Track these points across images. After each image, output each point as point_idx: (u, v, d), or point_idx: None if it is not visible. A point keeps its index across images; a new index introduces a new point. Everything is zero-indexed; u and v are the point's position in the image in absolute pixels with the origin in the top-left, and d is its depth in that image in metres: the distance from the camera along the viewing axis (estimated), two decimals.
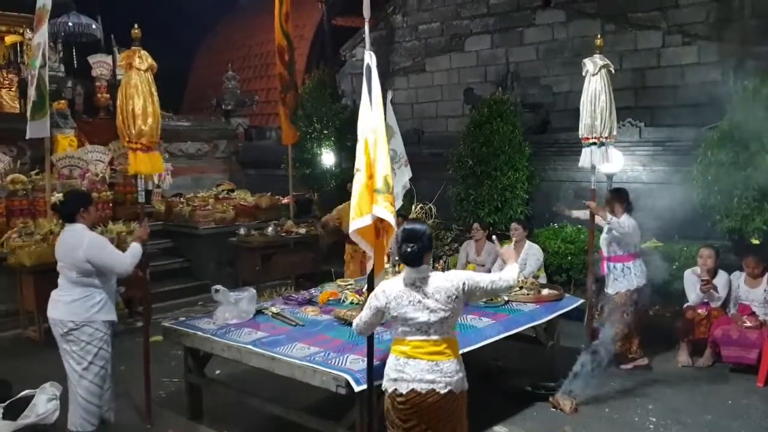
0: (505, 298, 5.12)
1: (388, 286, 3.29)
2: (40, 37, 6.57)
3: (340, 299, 5.16)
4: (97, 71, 11.80)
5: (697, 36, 8.77)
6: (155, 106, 4.61)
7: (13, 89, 11.50)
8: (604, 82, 5.15)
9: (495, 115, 8.12)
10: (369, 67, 3.51)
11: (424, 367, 3.17)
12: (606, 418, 4.71)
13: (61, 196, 4.41)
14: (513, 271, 3.43)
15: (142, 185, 4.96)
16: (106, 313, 4.25)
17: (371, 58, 3.52)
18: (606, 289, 5.67)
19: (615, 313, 5.49)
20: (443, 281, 3.23)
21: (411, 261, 3.22)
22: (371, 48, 3.58)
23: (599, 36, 5.54)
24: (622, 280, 5.61)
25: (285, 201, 9.87)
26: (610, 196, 5.63)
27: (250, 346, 4.20)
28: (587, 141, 5.24)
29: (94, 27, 12.53)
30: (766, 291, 5.61)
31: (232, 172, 12.68)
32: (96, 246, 4.19)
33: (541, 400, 4.91)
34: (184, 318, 5.15)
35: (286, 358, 3.97)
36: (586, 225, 6.19)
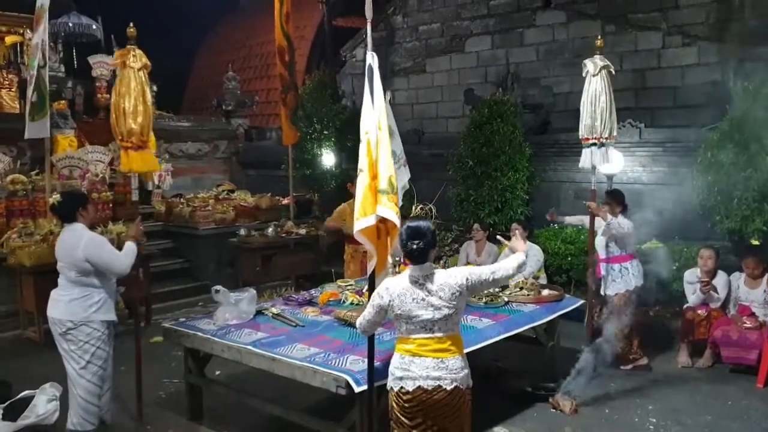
0: (505, 299, 5.13)
1: (391, 283, 3.29)
2: (39, 37, 6.56)
3: (340, 300, 5.16)
4: (97, 71, 11.78)
5: (698, 37, 8.78)
6: (147, 105, 4.60)
7: (13, 89, 11.48)
8: (604, 82, 5.16)
9: (495, 115, 8.12)
10: (371, 68, 3.51)
11: (430, 364, 3.17)
12: (606, 419, 4.71)
13: (59, 197, 4.41)
14: (513, 260, 3.43)
15: (135, 184, 5.00)
16: (104, 312, 4.25)
17: (373, 58, 3.52)
18: (605, 291, 5.67)
19: (615, 314, 5.48)
20: (447, 278, 3.24)
21: (416, 258, 3.23)
22: (372, 48, 3.58)
23: (599, 37, 5.56)
24: (620, 281, 5.62)
25: (285, 202, 9.87)
26: (606, 198, 5.64)
27: (250, 347, 4.20)
28: (587, 142, 5.25)
29: (94, 27, 12.56)
30: (765, 292, 5.62)
31: (232, 172, 12.67)
32: (95, 245, 4.21)
33: (541, 400, 4.91)
34: (184, 319, 5.14)
35: (287, 359, 3.96)
36: (585, 225, 6.20)
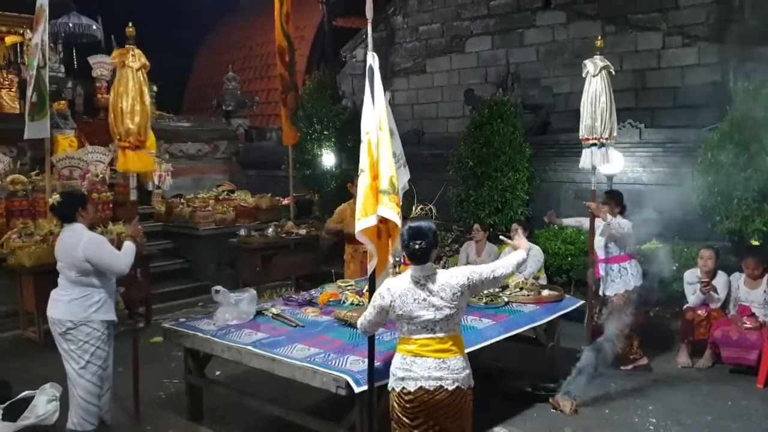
0: (506, 299, 5.13)
1: (393, 284, 3.29)
2: (39, 37, 6.56)
3: (340, 300, 5.16)
4: (97, 72, 11.79)
5: (698, 37, 8.78)
6: (145, 104, 4.60)
7: (13, 90, 11.48)
8: (604, 83, 5.17)
9: (495, 116, 8.13)
10: (371, 68, 3.50)
11: (432, 364, 3.17)
12: (606, 419, 4.71)
13: (58, 198, 4.42)
14: (513, 258, 3.43)
15: (134, 183, 5.01)
16: (104, 312, 4.26)
17: (373, 59, 3.51)
18: (605, 291, 5.66)
19: (615, 314, 5.48)
20: (448, 278, 3.24)
21: (418, 258, 3.23)
22: (372, 49, 3.57)
23: (599, 37, 5.56)
24: (619, 281, 5.61)
25: (285, 202, 9.87)
26: (605, 198, 5.64)
27: (250, 347, 4.20)
28: (587, 142, 5.26)
29: (94, 28, 12.55)
30: (765, 292, 5.61)
31: (232, 173, 12.67)
32: (94, 245, 4.21)
33: (542, 401, 4.91)
34: (184, 319, 5.15)
35: (287, 359, 3.96)
36: (582, 227, 6.20)
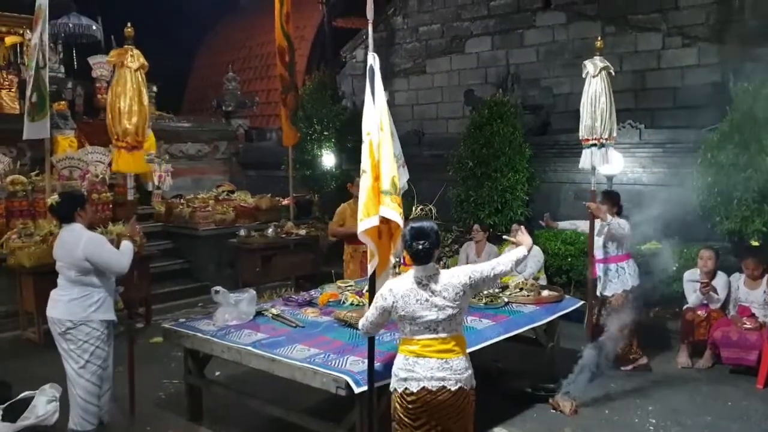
0: (505, 300, 5.13)
1: (395, 284, 3.28)
2: (38, 37, 6.56)
3: (340, 300, 5.16)
4: (97, 72, 11.78)
5: (697, 38, 8.78)
6: (143, 105, 4.61)
7: (13, 90, 11.46)
8: (604, 83, 5.17)
9: (495, 116, 8.13)
10: (372, 69, 3.50)
11: (434, 365, 3.17)
12: (606, 420, 4.71)
13: (57, 198, 4.44)
14: (512, 255, 3.44)
15: (131, 183, 5.04)
16: (103, 312, 4.27)
17: (374, 59, 3.51)
18: (603, 292, 5.65)
19: (615, 314, 5.49)
20: (450, 278, 3.24)
21: (421, 258, 3.23)
22: (372, 49, 3.57)
23: (599, 38, 5.56)
24: (616, 281, 5.61)
25: (285, 202, 9.87)
26: (602, 198, 5.63)
27: (250, 348, 4.20)
28: (587, 142, 5.26)
29: (94, 28, 12.55)
30: (765, 292, 5.61)
31: (232, 173, 12.67)
32: (94, 244, 4.22)
33: (541, 401, 4.91)
34: (184, 319, 5.15)
35: (286, 360, 3.96)
36: (577, 229, 6.22)
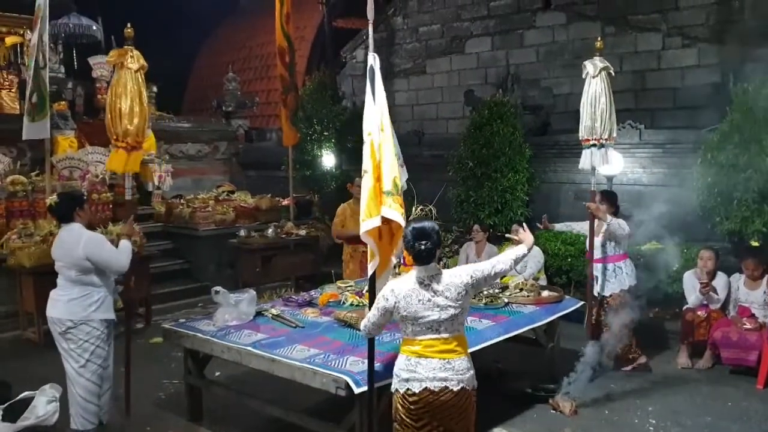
0: (505, 300, 5.13)
1: (397, 285, 3.27)
2: (37, 37, 6.56)
3: (340, 301, 5.16)
4: (97, 72, 11.79)
5: (697, 38, 8.79)
6: (143, 106, 4.64)
7: (13, 90, 11.47)
8: (604, 84, 5.17)
9: (495, 117, 8.13)
10: (372, 69, 3.48)
11: (437, 365, 3.17)
12: (606, 420, 4.71)
13: (56, 198, 4.46)
14: (512, 253, 3.45)
15: (129, 183, 5.08)
16: (103, 312, 4.29)
17: (375, 59, 3.50)
18: (600, 292, 5.63)
19: (613, 314, 5.49)
20: (452, 277, 3.24)
21: (424, 259, 3.22)
22: (372, 49, 3.56)
23: (599, 38, 5.57)
24: (614, 281, 5.61)
25: (285, 203, 9.87)
26: (600, 198, 5.62)
27: (249, 348, 4.20)
28: (587, 143, 5.27)
29: (94, 28, 12.55)
30: (765, 293, 5.61)
31: (232, 173, 12.67)
32: (94, 244, 4.25)
33: (541, 402, 4.91)
34: (184, 319, 5.15)
35: (286, 360, 3.96)
36: (572, 231, 6.26)
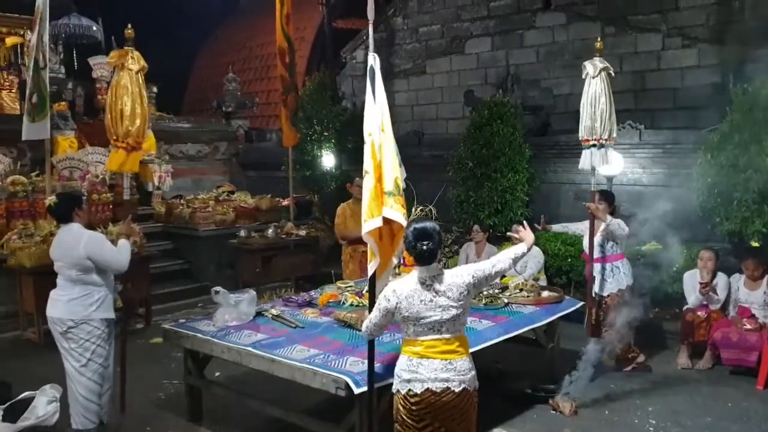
0: (505, 301, 5.13)
1: (399, 286, 3.26)
2: (36, 37, 6.55)
3: (340, 301, 5.16)
4: (97, 73, 11.80)
5: (697, 39, 8.79)
6: (143, 107, 4.68)
7: (13, 91, 11.48)
8: (604, 84, 5.18)
9: (495, 117, 8.13)
10: (372, 69, 3.48)
11: (438, 366, 3.16)
12: (606, 421, 4.71)
13: (54, 199, 4.47)
14: (511, 251, 3.46)
15: (127, 183, 5.15)
16: (104, 311, 4.31)
17: (375, 60, 3.49)
18: (598, 291, 5.62)
19: (611, 314, 5.50)
20: (454, 277, 3.24)
21: (426, 259, 3.22)
22: (373, 50, 3.56)
23: (599, 39, 5.58)
24: (611, 280, 5.61)
25: (285, 203, 9.87)
26: (599, 198, 5.61)
27: (249, 348, 4.20)
28: (587, 143, 5.28)
29: (94, 29, 12.56)
30: (765, 293, 5.62)
31: (232, 173, 12.67)
32: (95, 243, 4.27)
33: (541, 402, 4.91)
34: (183, 320, 5.15)
35: (286, 361, 3.96)
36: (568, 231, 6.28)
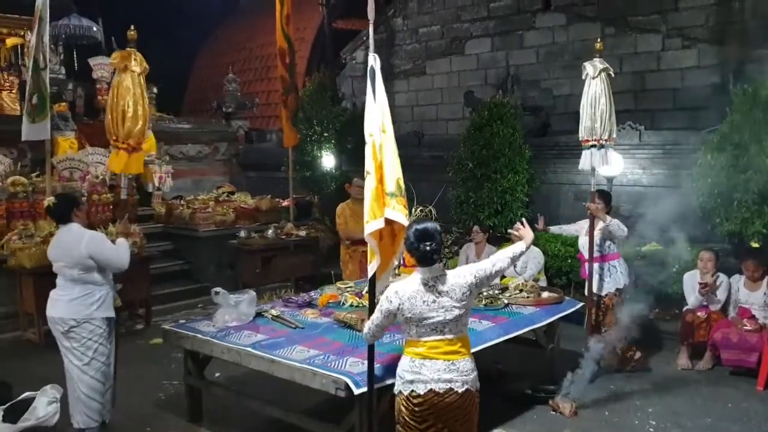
0: (505, 301, 5.13)
1: (401, 287, 3.25)
2: (36, 37, 6.55)
3: (339, 302, 5.16)
4: (97, 73, 11.79)
5: (697, 39, 8.78)
6: (145, 108, 4.71)
7: (13, 91, 11.48)
8: (604, 85, 5.18)
9: (495, 117, 8.12)
10: (372, 70, 3.47)
11: (441, 367, 3.16)
12: (606, 421, 4.71)
13: (53, 199, 4.49)
14: (509, 251, 3.47)
15: (125, 183, 5.15)
16: (104, 310, 4.34)
17: (375, 60, 3.49)
18: (596, 291, 5.61)
19: (610, 314, 5.50)
20: (457, 278, 3.24)
21: (429, 260, 3.21)
22: (373, 50, 3.56)
23: (599, 39, 5.58)
24: (609, 280, 5.61)
25: (285, 203, 9.86)
26: (597, 198, 5.61)
27: (249, 349, 4.20)
28: (587, 144, 5.28)
29: (94, 29, 12.56)
30: (765, 294, 5.62)
31: (232, 174, 12.67)
32: (96, 242, 4.30)
33: (541, 403, 4.91)
34: (184, 320, 5.15)
35: (286, 361, 3.96)
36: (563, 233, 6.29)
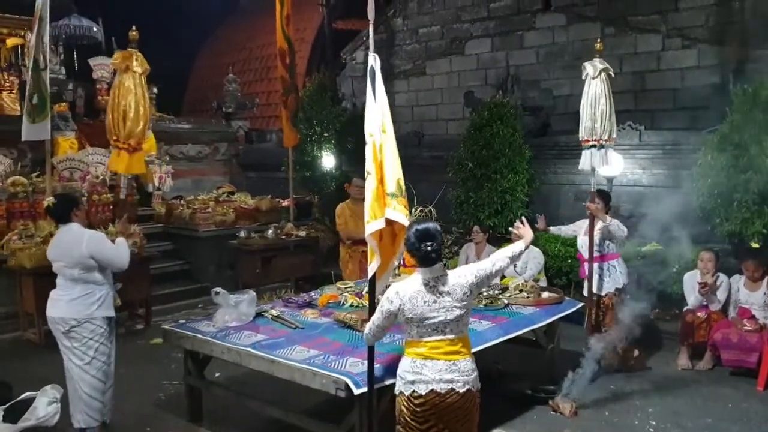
0: (505, 301, 5.13)
1: (402, 287, 3.25)
2: (36, 38, 6.55)
3: (339, 302, 5.16)
4: (98, 74, 11.79)
5: (697, 39, 8.79)
6: (146, 109, 4.75)
7: (14, 92, 11.48)
8: (604, 85, 5.18)
9: (495, 118, 8.12)
10: (373, 70, 3.47)
11: (442, 367, 3.15)
12: (606, 422, 4.71)
13: (53, 199, 4.50)
14: (508, 249, 3.47)
15: (124, 182, 5.22)
16: (105, 309, 4.35)
17: (375, 60, 3.49)
18: (595, 290, 5.61)
19: (609, 313, 5.50)
20: (457, 278, 3.24)
21: (430, 260, 3.21)
22: (373, 50, 3.56)
23: (599, 39, 5.58)
24: (608, 279, 5.62)
25: (285, 204, 9.87)
26: (597, 197, 5.60)
27: (249, 349, 4.20)
28: (587, 144, 5.28)
29: (95, 29, 12.57)
30: (766, 294, 5.62)
31: (232, 174, 12.67)
32: (96, 241, 4.31)
33: (541, 403, 4.91)
34: (184, 320, 5.15)
35: (286, 361, 3.96)
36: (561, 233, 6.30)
